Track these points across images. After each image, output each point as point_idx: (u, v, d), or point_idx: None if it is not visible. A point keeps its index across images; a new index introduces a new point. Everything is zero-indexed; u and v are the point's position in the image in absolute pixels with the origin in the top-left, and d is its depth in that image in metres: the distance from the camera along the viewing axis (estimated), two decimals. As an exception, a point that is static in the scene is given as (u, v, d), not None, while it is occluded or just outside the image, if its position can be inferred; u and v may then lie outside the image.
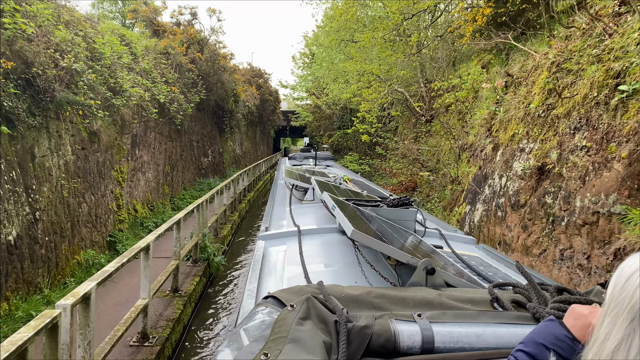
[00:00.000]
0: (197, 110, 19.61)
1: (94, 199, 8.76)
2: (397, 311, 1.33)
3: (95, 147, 8.94)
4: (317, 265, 2.59)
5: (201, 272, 8.61)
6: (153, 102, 11.85)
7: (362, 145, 31.12)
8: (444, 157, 12.55)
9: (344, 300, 1.37)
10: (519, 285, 1.60)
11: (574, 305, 1.06)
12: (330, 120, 34.60)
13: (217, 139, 23.72)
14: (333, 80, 21.81)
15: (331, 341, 1.13)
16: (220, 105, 21.29)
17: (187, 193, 16.28)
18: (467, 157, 8.96)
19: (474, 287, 1.86)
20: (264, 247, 3.08)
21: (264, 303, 1.35)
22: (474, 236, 6.23)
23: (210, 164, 21.53)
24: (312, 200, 5.25)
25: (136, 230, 10.83)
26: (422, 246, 2.63)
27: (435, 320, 1.27)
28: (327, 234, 3.28)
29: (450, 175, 8.89)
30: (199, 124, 19.92)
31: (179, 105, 13.29)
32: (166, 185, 14.10)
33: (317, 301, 1.27)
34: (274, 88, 39.87)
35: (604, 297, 0.90)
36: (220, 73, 18.74)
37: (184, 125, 16.03)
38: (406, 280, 1.98)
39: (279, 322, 1.17)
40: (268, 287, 2.30)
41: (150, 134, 12.78)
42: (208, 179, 20.28)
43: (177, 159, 15.77)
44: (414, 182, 15.26)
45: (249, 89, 32.10)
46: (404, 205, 3.52)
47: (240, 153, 31.10)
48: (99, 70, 9.07)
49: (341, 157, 33.08)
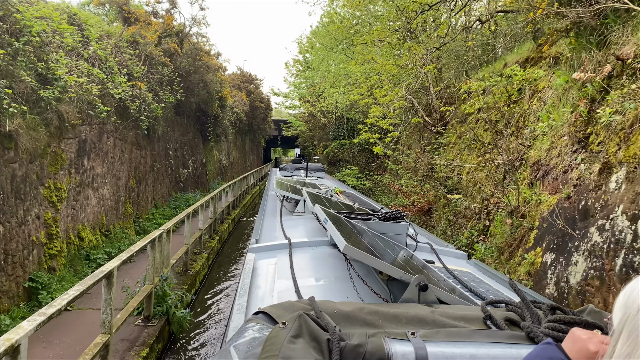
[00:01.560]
0: (176, 114, 17.03)
1: (2, 229, 6.11)
2: (390, 329, 1.31)
3: (10, 157, 6.32)
4: (308, 279, 2.57)
5: (155, 335, 6.00)
6: (107, 99, 9.25)
7: (360, 158, 28.82)
8: (475, 175, 10.15)
9: (336, 316, 1.35)
10: (511, 303, 1.56)
11: (575, 329, 1.03)
12: (325, 130, 32.30)
13: (199, 147, 21.11)
14: (331, 84, 19.38)
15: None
16: (203, 109, 18.72)
17: (159, 212, 13.61)
18: (528, 178, 6.52)
19: (466, 304, 1.86)
20: (254, 260, 3.03)
21: (255, 319, 1.31)
22: (569, 303, 4.39)
23: (190, 176, 18.88)
24: (303, 212, 5.15)
25: (78, 266, 8.16)
26: (413, 261, 2.61)
27: (429, 339, 1.24)
28: (318, 247, 3.23)
29: (506, 202, 6.47)
30: (178, 130, 17.33)
31: (146, 105, 10.70)
32: (129, 204, 11.44)
33: (309, 318, 1.24)
34: (266, 95, 37.44)
35: (602, 319, 1.15)
36: (202, 71, 16.22)
37: (156, 130, 13.44)
38: (398, 296, 2.03)
39: (270, 339, 1.13)
40: (258, 301, 2.29)
41: (108, 140, 10.17)
42: (187, 193, 17.62)
43: (146, 171, 13.13)
44: (428, 203, 12.78)
45: (238, 95, 29.62)
46: (395, 219, 3.46)
47: (227, 163, 28.47)
48: (19, 50, 6.50)
49: (337, 169, 30.71)
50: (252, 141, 41.45)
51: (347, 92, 17.42)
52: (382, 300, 2.18)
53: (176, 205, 15.31)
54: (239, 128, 31.20)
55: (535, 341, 1.22)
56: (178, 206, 15.35)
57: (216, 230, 13.14)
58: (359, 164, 28.05)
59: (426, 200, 12.81)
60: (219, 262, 11.67)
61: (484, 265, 3.40)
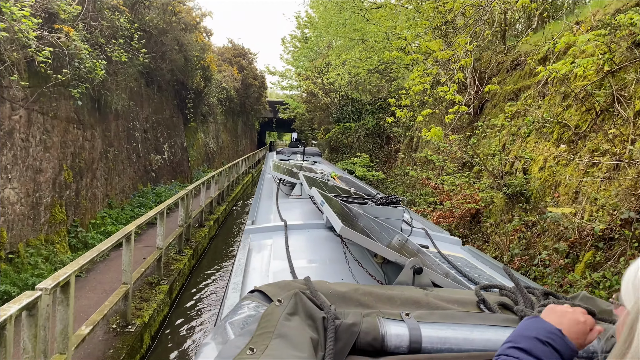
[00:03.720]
0: (147, 86, 13.40)
1: None
2: (384, 309, 1.31)
3: None
4: (303, 261, 2.57)
5: None
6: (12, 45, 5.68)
7: (366, 143, 25.35)
8: (558, 172, 6.77)
9: (330, 296, 1.34)
10: (505, 288, 1.55)
11: (551, 305, 1.06)
12: (326, 112, 28.69)
13: (179, 128, 17.51)
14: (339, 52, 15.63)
15: (318, 338, 1.10)
16: (182, 81, 15.08)
17: (113, 214, 10.11)
18: None
19: (460, 288, 1.85)
20: (249, 241, 3.01)
21: (250, 297, 1.31)
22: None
23: (165, 163, 15.33)
24: (300, 195, 5.12)
25: None
26: (408, 245, 2.61)
27: (423, 320, 1.24)
28: (313, 230, 3.21)
29: None
30: (149, 106, 13.73)
31: (78, 61, 7.11)
32: (59, 207, 7.93)
33: (305, 297, 1.24)
34: (260, 72, 33.58)
35: (595, 305, 1.22)
36: (177, 30, 12.54)
37: (111, 104, 9.87)
38: (392, 279, 2.06)
39: (266, 316, 1.12)
40: (253, 281, 2.24)
41: (15, 114, 6.62)
42: (159, 185, 14.10)
43: (93, 159, 9.59)
44: (471, 207, 9.38)
45: (229, 69, 25.85)
46: (391, 203, 3.48)
47: (214, 148, 24.85)
48: None
49: (340, 157, 27.22)
50: (245, 123, 37.71)
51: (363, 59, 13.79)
52: (376, 283, 2.21)
53: (142, 204, 11.82)
54: (230, 108, 27.50)
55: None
56: (145, 204, 11.86)
57: (190, 241, 9.70)
58: (365, 151, 24.58)
59: (471, 202, 9.38)
60: (189, 294, 8.24)
61: (477, 251, 3.38)
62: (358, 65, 14.45)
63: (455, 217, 9.61)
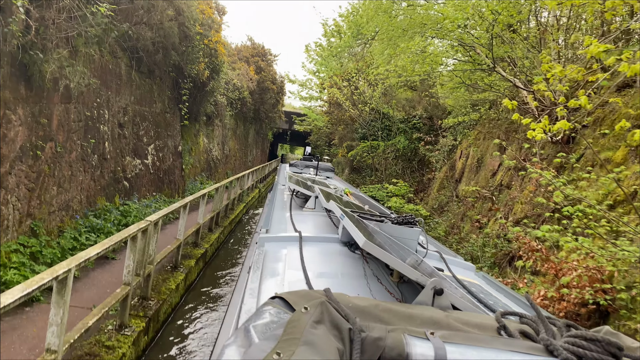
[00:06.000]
0: (131, 66, 9.87)
1: None
2: (408, 327, 1.27)
3: None
4: (318, 273, 2.53)
5: None
6: None
7: (394, 166, 21.58)
8: None
9: (350, 310, 1.30)
10: (526, 316, 1.51)
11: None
12: (350, 127, 25.04)
13: (174, 128, 13.93)
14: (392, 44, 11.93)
15: (344, 349, 1.09)
16: (179, 66, 11.55)
17: (35, 245, 6.40)
18: None
19: (480, 313, 1.79)
20: (264, 249, 2.98)
21: (271, 303, 1.27)
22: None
23: (147, 171, 11.68)
24: (313, 208, 5.10)
25: None
26: (423, 266, 2.53)
27: (448, 340, 1.19)
28: (328, 243, 3.17)
29: None
30: (130, 92, 10.21)
31: None
32: None
33: (330, 307, 1.23)
34: (279, 75, 30.16)
35: (619, 341, 1.08)
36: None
37: (46, 74, 6.32)
38: (408, 298, 2.09)
39: (292, 322, 1.11)
40: (269, 288, 2.22)
41: None
42: (132, 200, 10.41)
43: (4, 156, 5.97)
44: (601, 274, 5.47)
45: (244, 67, 22.41)
46: (408, 223, 3.41)
47: (219, 156, 21.25)
48: None
49: (362, 179, 23.43)
50: (258, 132, 34.20)
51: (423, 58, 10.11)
52: (395, 300, 2.14)
53: (95, 227, 8.13)
54: (242, 112, 24.02)
55: (555, 354, 1.16)
56: (100, 228, 8.18)
57: (147, 302, 5.94)
58: (393, 175, 20.71)
59: (597, 281, 5.52)
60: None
61: (491, 278, 3.33)
62: (410, 66, 10.78)
63: (570, 304, 5.72)
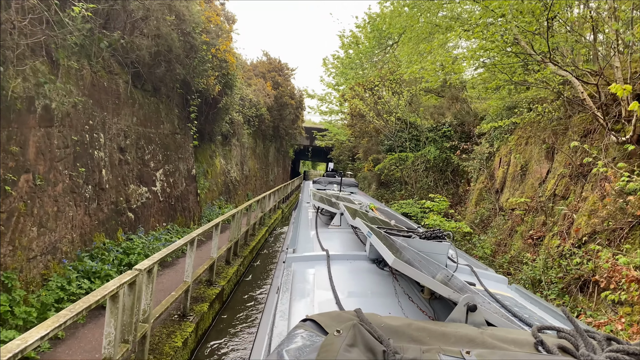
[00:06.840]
0: (137, 86, 8.74)
1: None
2: (442, 346, 1.22)
3: None
4: (348, 292, 2.51)
5: None
6: None
7: (426, 178, 19.91)
8: None
9: (383, 330, 1.29)
10: (564, 331, 1.43)
11: None
12: (375, 139, 23.58)
13: (186, 150, 12.79)
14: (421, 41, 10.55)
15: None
16: (186, 81, 10.42)
17: (5, 304, 5.16)
18: None
19: (515, 328, 1.75)
20: (292, 269, 2.95)
21: (303, 326, 1.27)
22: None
23: (156, 199, 10.50)
24: (339, 225, 5.08)
25: None
26: (454, 281, 2.48)
27: (484, 359, 1.16)
28: (355, 261, 3.17)
29: None
30: (131, 113, 9.10)
31: None
32: None
33: (363, 329, 1.21)
34: (298, 90, 29.08)
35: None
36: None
37: (18, 94, 5.15)
38: (440, 315, 2.09)
39: (326, 346, 1.10)
40: (299, 310, 2.22)
41: None
42: (137, 234, 9.17)
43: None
44: None
45: (260, 82, 21.36)
46: (436, 238, 3.38)
47: (238, 177, 20.07)
48: None
49: (391, 194, 21.79)
50: (278, 150, 33.10)
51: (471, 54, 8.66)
52: (427, 318, 2.14)
53: (89, 272, 6.87)
54: (260, 130, 22.92)
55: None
56: (96, 272, 6.92)
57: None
58: (425, 188, 19.03)
59: None
60: None
61: (525, 290, 3.20)
62: (448, 60, 9.32)
63: None
